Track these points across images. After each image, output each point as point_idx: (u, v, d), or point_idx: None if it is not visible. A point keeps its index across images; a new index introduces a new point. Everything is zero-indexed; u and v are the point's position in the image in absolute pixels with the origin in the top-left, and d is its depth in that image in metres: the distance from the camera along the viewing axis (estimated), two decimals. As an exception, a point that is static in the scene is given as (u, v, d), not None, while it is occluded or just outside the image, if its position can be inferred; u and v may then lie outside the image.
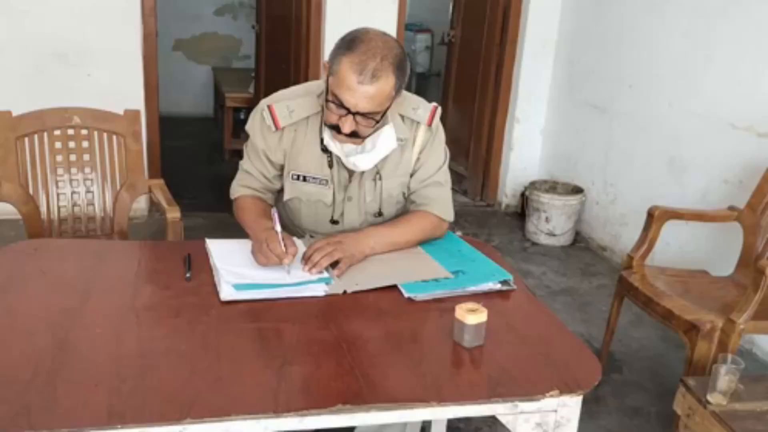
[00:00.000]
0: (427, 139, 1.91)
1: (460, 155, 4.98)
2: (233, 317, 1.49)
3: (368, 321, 1.52)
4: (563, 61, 4.38)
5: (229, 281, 1.61)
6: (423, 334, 1.48)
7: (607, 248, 3.99)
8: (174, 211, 2.29)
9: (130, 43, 3.87)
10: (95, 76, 3.83)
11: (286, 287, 1.61)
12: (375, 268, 1.74)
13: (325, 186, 1.88)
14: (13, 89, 3.65)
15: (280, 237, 1.65)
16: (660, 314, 2.35)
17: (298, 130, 1.86)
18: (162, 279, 1.65)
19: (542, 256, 3.99)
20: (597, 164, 4.08)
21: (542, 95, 4.52)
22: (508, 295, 1.69)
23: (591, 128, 4.13)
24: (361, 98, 1.64)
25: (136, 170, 2.51)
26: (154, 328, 1.43)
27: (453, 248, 1.89)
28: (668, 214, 2.62)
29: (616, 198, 3.92)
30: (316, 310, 1.55)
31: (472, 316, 1.41)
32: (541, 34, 4.40)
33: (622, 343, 3.06)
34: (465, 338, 1.43)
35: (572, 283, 3.67)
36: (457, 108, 4.99)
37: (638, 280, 2.51)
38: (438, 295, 1.64)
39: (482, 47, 4.63)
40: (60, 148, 2.45)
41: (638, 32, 3.71)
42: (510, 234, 4.30)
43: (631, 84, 3.77)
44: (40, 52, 3.73)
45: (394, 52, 1.67)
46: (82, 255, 1.75)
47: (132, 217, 3.96)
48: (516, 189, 4.64)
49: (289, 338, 1.42)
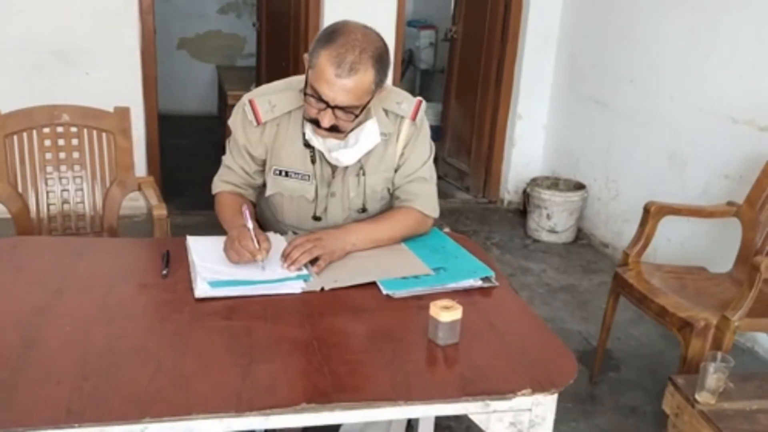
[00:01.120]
0: (411, 134, 1.88)
1: (462, 152, 4.95)
2: (206, 315, 1.47)
3: (343, 318, 1.49)
4: (564, 57, 4.34)
5: (205, 278, 1.59)
6: (398, 331, 1.45)
7: (610, 245, 3.94)
8: (160, 208, 2.28)
9: (129, 41, 3.87)
10: (93, 75, 3.83)
11: (262, 284, 1.59)
12: (355, 265, 1.72)
13: (307, 181, 1.86)
14: (11, 88, 3.65)
15: (252, 233, 1.63)
16: (654, 312, 2.31)
17: (280, 124, 1.84)
18: (138, 276, 1.63)
19: (543, 254, 3.94)
20: (598, 160, 4.03)
21: (544, 91, 4.47)
22: (490, 292, 1.66)
23: (592, 124, 4.08)
24: (339, 92, 1.61)
25: (125, 167, 2.50)
26: (124, 325, 1.41)
27: (437, 244, 1.86)
28: (665, 209, 2.57)
29: (618, 194, 3.87)
30: (292, 307, 1.52)
31: (446, 313, 1.39)
32: (543, 29, 4.35)
33: (621, 341, 3.01)
34: (439, 336, 1.40)
35: (572, 280, 3.62)
36: (459, 104, 4.95)
37: (633, 276, 2.47)
38: (417, 292, 1.61)
39: (484, 43, 4.59)
40: (49, 146, 2.45)
41: (639, 26, 3.66)
42: (511, 231, 4.26)
43: (633, 78, 3.72)
44: (38, 51, 3.74)
45: (374, 45, 1.64)
46: (60, 253, 1.74)
47: (131, 215, 3.99)
48: (518, 186, 4.59)
49: (260, 336, 1.39)
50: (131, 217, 3.96)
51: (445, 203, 4.66)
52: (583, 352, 2.90)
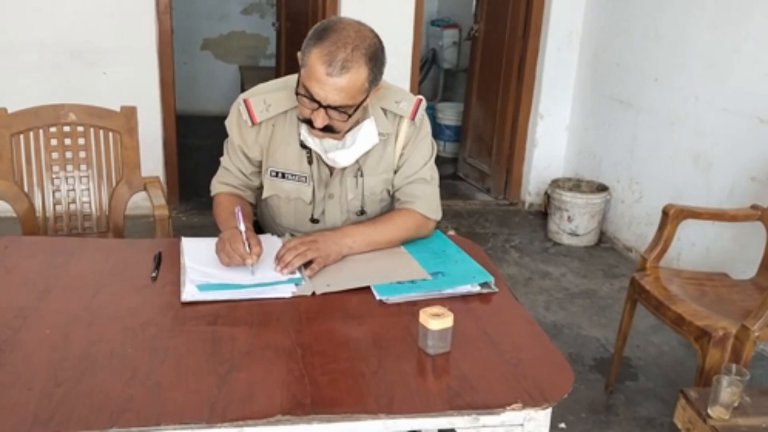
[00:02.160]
0: (410, 134, 1.81)
1: (483, 153, 4.86)
2: (190, 319, 1.43)
3: (332, 325, 1.44)
4: (588, 55, 4.22)
5: (194, 281, 1.55)
6: (388, 339, 1.39)
7: (633, 249, 3.82)
8: (162, 209, 2.25)
9: (146, 41, 3.87)
10: (111, 75, 3.84)
11: (252, 288, 1.55)
12: (350, 269, 1.66)
13: (304, 183, 1.81)
14: (29, 88, 3.68)
15: (244, 236, 1.58)
16: (671, 319, 2.21)
17: (276, 125, 1.79)
18: (128, 278, 1.60)
19: (563, 257, 3.84)
20: (622, 161, 3.91)
21: (566, 90, 4.37)
22: (489, 298, 1.59)
23: (616, 124, 3.96)
24: (331, 91, 1.56)
25: (131, 167, 2.48)
26: (104, 329, 1.37)
27: (438, 248, 1.80)
28: (684, 213, 2.47)
29: (642, 196, 3.75)
30: (280, 312, 1.47)
31: (436, 320, 1.32)
32: (565, 26, 4.24)
33: (641, 348, 2.91)
34: (428, 344, 1.34)
35: (592, 285, 3.52)
36: (481, 104, 4.87)
37: (650, 282, 2.37)
38: (412, 297, 1.55)
39: (505, 41, 4.50)
40: (55, 145, 2.43)
41: (665, 24, 3.54)
42: (532, 234, 4.16)
43: (657, 77, 3.60)
44: (55, 51, 3.76)
45: (368, 42, 1.58)
46: (52, 253, 1.71)
47: (147, 214, 3.98)
48: (540, 187, 4.49)
49: (243, 343, 1.35)
50: (147, 216, 3.96)
51: (465, 204, 4.58)
52: (600, 360, 2.81)
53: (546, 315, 3.16)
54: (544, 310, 3.20)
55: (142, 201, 2.74)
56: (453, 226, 1.96)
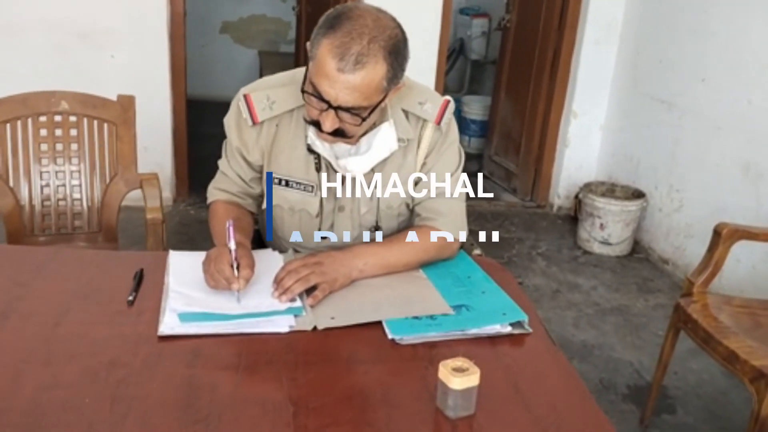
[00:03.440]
0: (435, 141, 1.57)
1: (511, 150, 4.60)
2: (166, 358, 1.20)
3: (334, 371, 1.21)
4: (628, 49, 3.93)
5: (175, 309, 1.32)
6: (400, 393, 1.15)
7: (669, 261, 3.55)
8: (154, 211, 2.04)
9: (156, 23, 3.65)
10: (119, 58, 3.62)
11: (242, 319, 1.32)
12: (359, 297, 1.43)
13: (310, 193, 1.58)
14: (34, 70, 3.49)
15: (232, 255, 1.35)
16: (721, 356, 1.95)
17: (280, 124, 1.56)
18: (100, 301, 1.38)
19: (594, 268, 3.58)
20: (662, 166, 3.63)
21: (603, 87, 4.08)
22: (521, 341, 1.35)
23: (656, 126, 3.68)
24: (342, 89, 1.32)
25: (127, 162, 2.26)
26: (62, 370, 1.15)
27: (462, 274, 1.56)
28: (739, 233, 2.20)
29: (682, 206, 3.47)
30: (273, 352, 1.24)
31: (459, 378, 1.08)
32: (605, 18, 3.96)
33: (679, 376, 2.65)
34: (449, 405, 1.10)
35: (626, 300, 3.26)
36: (510, 99, 4.60)
37: (698, 310, 2.11)
38: (430, 338, 1.31)
39: (539, 33, 4.22)
40: (45, 136, 2.22)
41: (714, 19, 3.24)
42: (560, 240, 3.90)
43: (705, 77, 3.31)
44: (61, 32, 3.55)
45: (387, 33, 1.34)
46: (18, 265, 1.50)
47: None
48: (570, 190, 4.23)
49: (225, 393, 1.12)
50: (154, 209, 3.76)
51: (489, 206, 4.33)
52: (634, 388, 2.56)
53: (575, 333, 2.91)
54: (573, 328, 2.95)
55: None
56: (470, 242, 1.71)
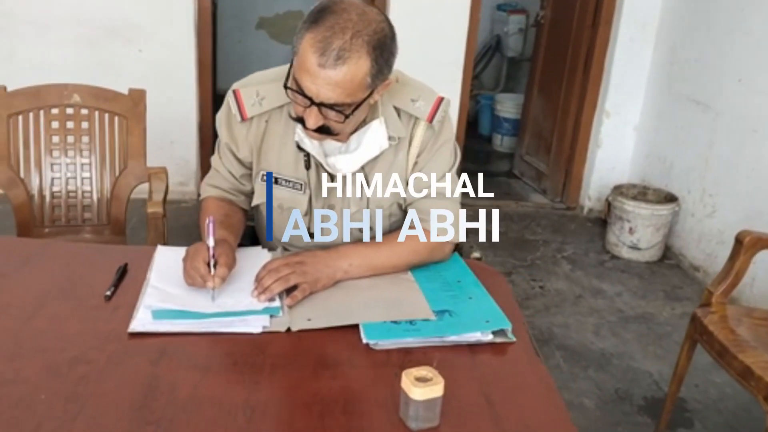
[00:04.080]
0: (427, 139, 1.52)
1: (542, 150, 4.50)
2: (132, 356, 1.18)
3: (300, 375, 1.17)
4: (664, 48, 3.79)
5: (150, 306, 1.31)
6: (364, 402, 1.11)
7: (701, 269, 3.41)
8: (156, 206, 2.03)
9: (184, 18, 3.67)
10: (146, 53, 3.65)
11: (216, 318, 1.29)
12: (340, 300, 1.39)
13: (299, 191, 1.55)
14: (64, 63, 3.55)
15: (210, 252, 1.33)
16: (736, 371, 1.85)
17: (270, 121, 1.53)
18: (78, 295, 1.37)
19: (621, 273, 3.47)
20: (695, 170, 3.49)
21: (637, 86, 3.95)
22: (503, 350, 1.29)
23: (690, 127, 3.54)
24: (323, 85, 1.29)
25: (137, 155, 2.27)
26: (26, 365, 1.14)
27: (452, 278, 1.50)
28: (762, 242, 2.09)
29: (715, 211, 3.33)
30: (241, 353, 1.21)
31: (420, 389, 1.04)
32: (640, 15, 3.82)
33: (700, 389, 2.54)
34: (410, 416, 1.05)
35: (651, 308, 3.14)
36: (542, 97, 4.49)
37: (715, 322, 2.01)
38: (406, 343, 1.26)
39: (572, 29, 4.10)
40: (57, 128, 2.24)
41: (754, 18, 3.10)
42: (588, 243, 3.79)
43: (741, 77, 3.16)
44: (91, 26, 3.60)
45: (372, 28, 1.30)
46: (5, 256, 1.50)
47: (179, 200, 3.82)
48: (601, 192, 4.10)
49: (184, 393, 1.09)
50: (179, 202, 3.80)
51: (517, 206, 4.24)
52: (652, 400, 2.46)
53: (594, 341, 2.81)
54: (592, 335, 2.86)
55: (176, 186, 2.53)
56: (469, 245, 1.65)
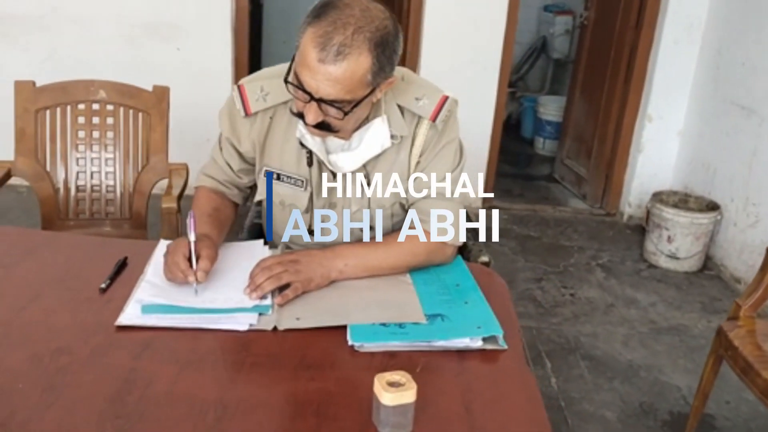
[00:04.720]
0: (430, 139, 1.49)
1: (582, 154, 4.39)
2: (115, 349, 1.19)
3: (278, 375, 1.15)
4: (710, 51, 3.65)
5: (141, 300, 1.31)
6: (337, 405, 1.09)
7: (742, 281, 3.27)
8: (170, 201, 2.05)
9: (221, 17, 3.71)
10: (184, 51, 3.71)
11: (204, 314, 1.29)
12: (332, 300, 1.37)
13: (300, 188, 1.53)
14: (104, 60, 3.63)
15: (192, 247, 1.32)
16: (759, 389, 1.76)
17: (274, 117, 1.52)
18: (75, 287, 1.38)
19: (657, 283, 3.35)
20: (739, 177, 3.35)
21: (682, 90, 3.81)
22: (493, 357, 1.24)
23: (735, 133, 3.40)
24: (323, 81, 1.27)
25: (158, 151, 2.30)
26: (10, 354, 1.16)
27: (451, 281, 1.47)
28: (796, 254, 1.98)
29: (759, 221, 3.19)
30: (223, 350, 1.21)
31: (390, 394, 1.01)
32: (686, 16, 3.69)
33: (731, 406, 2.43)
34: (381, 422, 1.02)
35: (686, 320, 3.02)
36: (584, 100, 4.39)
37: (741, 336, 1.92)
38: (392, 347, 1.23)
39: (615, 30, 3.99)
40: (83, 123, 2.29)
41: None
42: (625, 251, 3.68)
43: (790, 81, 3.02)
44: (131, 24, 3.67)
45: (375, 25, 1.27)
46: (9, 247, 1.53)
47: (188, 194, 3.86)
48: (642, 198, 3.97)
49: (159, 388, 1.09)
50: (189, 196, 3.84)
51: (554, 211, 4.15)
52: (677, 415, 2.36)
53: (622, 352, 2.72)
54: (620, 346, 2.77)
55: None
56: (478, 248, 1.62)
